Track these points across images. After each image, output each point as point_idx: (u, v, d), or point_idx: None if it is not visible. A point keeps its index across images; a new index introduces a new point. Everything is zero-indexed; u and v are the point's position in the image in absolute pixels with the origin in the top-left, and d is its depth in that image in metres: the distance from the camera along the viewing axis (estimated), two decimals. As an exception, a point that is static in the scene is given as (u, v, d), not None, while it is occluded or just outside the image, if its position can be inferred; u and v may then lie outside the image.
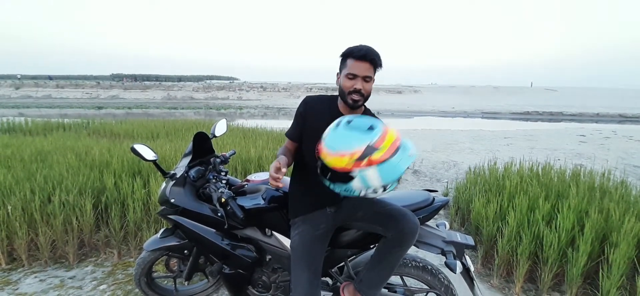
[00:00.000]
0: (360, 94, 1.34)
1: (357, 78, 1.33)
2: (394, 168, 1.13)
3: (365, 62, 1.32)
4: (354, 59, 1.33)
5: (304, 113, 1.45)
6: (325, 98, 1.49)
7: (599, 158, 6.59)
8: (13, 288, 2.24)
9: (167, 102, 33.30)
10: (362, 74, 1.32)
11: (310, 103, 1.47)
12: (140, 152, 1.62)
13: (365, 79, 1.34)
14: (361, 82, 1.33)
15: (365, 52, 1.31)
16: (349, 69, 1.33)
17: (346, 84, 1.34)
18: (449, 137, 9.90)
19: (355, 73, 1.32)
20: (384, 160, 1.10)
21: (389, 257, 1.43)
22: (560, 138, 10.12)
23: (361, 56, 1.32)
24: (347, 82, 1.34)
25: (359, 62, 1.32)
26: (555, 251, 2.20)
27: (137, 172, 3.42)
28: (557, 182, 3.32)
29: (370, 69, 1.33)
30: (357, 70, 1.32)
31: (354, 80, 1.33)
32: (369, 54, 1.31)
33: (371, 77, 1.35)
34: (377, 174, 1.11)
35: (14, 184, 2.85)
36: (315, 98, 1.49)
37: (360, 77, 1.32)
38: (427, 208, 1.59)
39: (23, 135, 7.34)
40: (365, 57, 1.31)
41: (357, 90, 1.33)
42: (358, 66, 1.32)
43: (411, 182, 4.95)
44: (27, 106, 25.37)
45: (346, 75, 1.34)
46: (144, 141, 6.41)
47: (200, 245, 1.74)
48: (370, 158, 1.10)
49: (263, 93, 40.64)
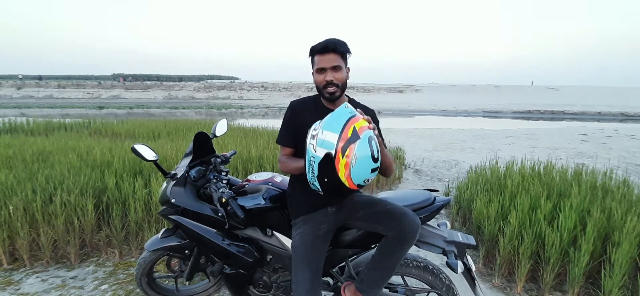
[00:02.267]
0: (334, 85, 1.39)
1: (326, 71, 1.38)
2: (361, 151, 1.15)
3: (328, 53, 1.37)
4: (317, 53, 1.39)
5: (292, 117, 1.50)
6: (310, 98, 1.54)
7: (601, 157, 6.57)
8: (15, 288, 2.25)
9: (168, 101, 33.36)
10: (329, 65, 1.37)
11: (296, 107, 1.52)
12: (140, 152, 1.62)
13: (335, 69, 1.38)
14: (331, 73, 1.38)
15: (325, 44, 1.37)
16: (317, 64, 1.40)
17: (318, 79, 1.41)
18: (450, 136, 9.88)
19: (322, 66, 1.38)
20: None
21: (390, 257, 1.43)
22: (562, 137, 10.10)
23: (322, 48, 1.37)
24: (319, 77, 1.40)
25: (323, 55, 1.38)
26: (557, 251, 2.19)
27: (139, 172, 3.42)
28: (559, 181, 3.31)
29: (336, 58, 1.38)
30: (324, 62, 1.38)
31: (323, 74, 1.39)
32: (330, 45, 1.37)
33: (340, 66, 1.40)
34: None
35: (16, 184, 2.86)
36: (300, 102, 1.54)
37: (328, 68, 1.37)
38: (428, 207, 1.58)
39: (25, 135, 7.37)
40: (327, 48, 1.37)
41: (329, 82, 1.38)
42: (323, 59, 1.38)
43: (412, 181, 4.94)
44: (29, 106, 25.45)
45: (316, 71, 1.41)
46: (145, 141, 6.43)
47: (201, 245, 1.74)
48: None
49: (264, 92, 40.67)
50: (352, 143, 1.14)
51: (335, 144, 1.14)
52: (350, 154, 1.13)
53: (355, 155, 1.13)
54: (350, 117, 1.19)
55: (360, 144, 1.14)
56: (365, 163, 1.15)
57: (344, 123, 1.17)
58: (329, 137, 1.16)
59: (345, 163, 1.14)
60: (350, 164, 1.13)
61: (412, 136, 9.91)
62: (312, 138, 1.21)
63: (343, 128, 1.16)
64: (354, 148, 1.14)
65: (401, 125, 13.51)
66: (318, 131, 1.20)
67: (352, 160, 1.13)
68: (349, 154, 1.13)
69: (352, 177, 1.15)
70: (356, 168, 1.14)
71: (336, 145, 1.14)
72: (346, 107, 1.22)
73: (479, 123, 15.63)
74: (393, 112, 22.31)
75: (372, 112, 1.58)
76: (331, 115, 1.21)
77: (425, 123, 15.06)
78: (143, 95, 36.96)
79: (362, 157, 1.14)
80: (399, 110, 23.89)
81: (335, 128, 1.17)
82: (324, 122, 1.21)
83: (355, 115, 1.19)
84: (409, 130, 11.49)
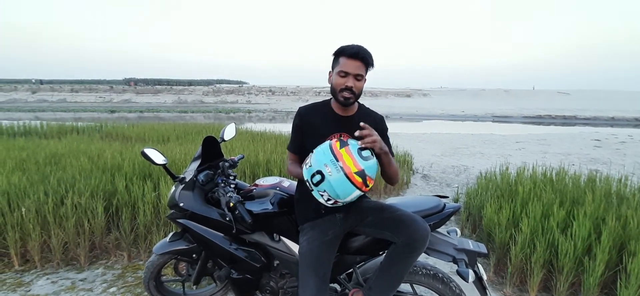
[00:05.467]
0: (351, 92, 1.38)
1: (349, 76, 1.37)
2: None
3: (356, 60, 1.36)
4: (346, 56, 1.37)
5: (301, 124, 1.50)
6: (318, 104, 1.54)
7: (615, 164, 6.41)
8: (25, 289, 2.28)
9: (177, 105, 33.78)
10: (353, 72, 1.36)
11: (304, 113, 1.51)
12: (150, 156, 1.63)
13: (357, 77, 1.38)
14: (352, 79, 1.37)
15: (357, 50, 1.36)
16: (341, 67, 1.37)
17: (338, 82, 1.39)
18: (458, 141, 9.77)
19: (347, 70, 1.36)
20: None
21: (399, 264, 1.40)
22: (574, 142, 9.90)
23: (353, 54, 1.36)
24: (339, 80, 1.38)
25: (351, 60, 1.36)
26: (571, 260, 2.13)
27: (148, 175, 3.45)
28: (571, 187, 3.23)
29: (361, 67, 1.38)
30: (349, 67, 1.36)
31: (345, 78, 1.37)
32: (361, 52, 1.36)
33: (362, 76, 1.39)
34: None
35: (29, 186, 2.91)
36: (308, 108, 1.54)
37: (351, 74, 1.37)
38: (438, 214, 1.56)
39: (38, 138, 7.52)
40: (357, 55, 1.36)
41: (348, 88, 1.37)
42: (350, 64, 1.36)
43: (420, 187, 4.89)
44: (43, 110, 26.03)
45: (338, 72, 1.38)
46: (155, 144, 6.50)
47: (208, 249, 1.74)
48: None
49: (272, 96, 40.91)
50: (345, 146, 1.25)
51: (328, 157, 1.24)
52: (350, 153, 1.23)
53: (350, 152, 1.23)
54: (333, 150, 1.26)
55: (352, 145, 1.25)
56: (369, 161, 1.26)
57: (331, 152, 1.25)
58: (319, 158, 1.26)
59: (348, 158, 1.22)
60: (353, 157, 1.22)
61: (420, 141, 9.83)
62: (305, 166, 1.30)
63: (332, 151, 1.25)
64: (349, 149, 1.23)
65: (409, 130, 13.41)
66: (309, 162, 1.28)
67: (353, 155, 1.23)
68: (348, 152, 1.23)
69: (365, 170, 1.23)
70: (367, 164, 1.23)
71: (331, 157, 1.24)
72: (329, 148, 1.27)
73: (489, 128, 15.45)
74: (401, 117, 22.20)
75: (381, 118, 1.56)
76: (317, 152, 1.29)
77: (433, 128, 14.95)
78: (153, 99, 37.51)
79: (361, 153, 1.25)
80: (407, 114, 23.76)
81: (326, 154, 1.26)
82: (313, 158, 1.29)
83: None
84: (417, 135, 11.41)
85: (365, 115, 1.52)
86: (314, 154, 1.28)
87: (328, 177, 1.21)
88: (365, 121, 1.41)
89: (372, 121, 1.50)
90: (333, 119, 1.48)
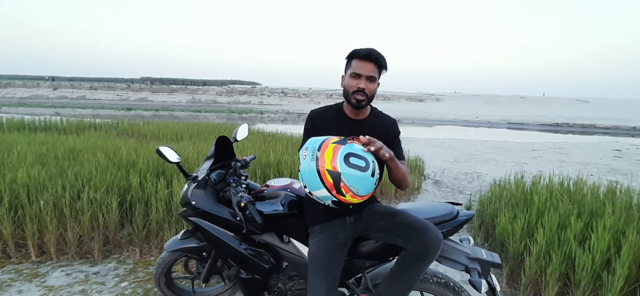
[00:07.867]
0: (364, 94, 1.37)
1: (361, 78, 1.37)
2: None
3: (369, 62, 1.36)
4: (358, 58, 1.38)
5: (312, 127, 1.49)
6: (330, 107, 1.53)
7: (636, 175, 6.18)
8: (41, 280, 2.34)
9: (192, 105, 34.34)
10: (366, 74, 1.36)
11: (316, 117, 1.51)
12: (164, 153, 1.65)
13: (369, 79, 1.37)
14: (365, 81, 1.37)
15: (370, 52, 1.36)
16: (354, 69, 1.37)
17: (350, 84, 1.39)
18: (472, 147, 9.60)
19: (359, 72, 1.36)
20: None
21: (409, 271, 1.38)
22: (593, 152, 9.59)
23: (365, 56, 1.36)
24: (352, 82, 1.38)
25: (364, 62, 1.36)
26: (589, 274, 2.06)
27: (161, 173, 3.51)
28: (590, 199, 3.13)
29: (374, 70, 1.37)
30: (362, 69, 1.36)
31: (358, 80, 1.37)
32: (373, 54, 1.36)
33: (375, 78, 1.39)
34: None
35: (47, 180, 2.99)
36: (320, 111, 1.53)
37: (364, 76, 1.37)
38: (450, 221, 1.53)
39: (58, 133, 7.76)
40: (370, 57, 1.36)
41: (361, 90, 1.37)
42: (362, 66, 1.36)
43: (432, 193, 4.82)
44: (63, 106, 26.85)
45: (351, 74, 1.38)
46: (169, 142, 6.61)
47: (218, 248, 1.75)
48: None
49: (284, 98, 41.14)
50: (342, 144, 1.23)
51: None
52: (336, 152, 1.21)
53: (337, 151, 1.21)
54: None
55: (349, 147, 1.22)
56: (355, 170, 1.22)
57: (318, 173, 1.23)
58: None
59: (330, 154, 1.21)
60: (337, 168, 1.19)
61: (433, 146, 9.71)
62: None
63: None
64: (341, 149, 1.21)
65: (421, 135, 13.27)
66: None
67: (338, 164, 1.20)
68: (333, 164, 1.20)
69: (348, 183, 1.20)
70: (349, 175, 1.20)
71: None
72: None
73: (503, 135, 15.14)
74: (413, 121, 21.98)
75: (394, 122, 1.55)
76: (313, 138, 1.30)
77: (446, 133, 14.73)
78: (168, 98, 38.25)
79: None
80: (419, 119, 23.52)
81: (317, 142, 1.26)
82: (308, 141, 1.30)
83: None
84: (429, 140, 11.26)
85: (377, 119, 1.51)
86: (311, 139, 1.31)
87: (302, 161, 1.25)
88: (377, 125, 1.39)
89: (384, 125, 1.49)
90: (345, 122, 1.47)
